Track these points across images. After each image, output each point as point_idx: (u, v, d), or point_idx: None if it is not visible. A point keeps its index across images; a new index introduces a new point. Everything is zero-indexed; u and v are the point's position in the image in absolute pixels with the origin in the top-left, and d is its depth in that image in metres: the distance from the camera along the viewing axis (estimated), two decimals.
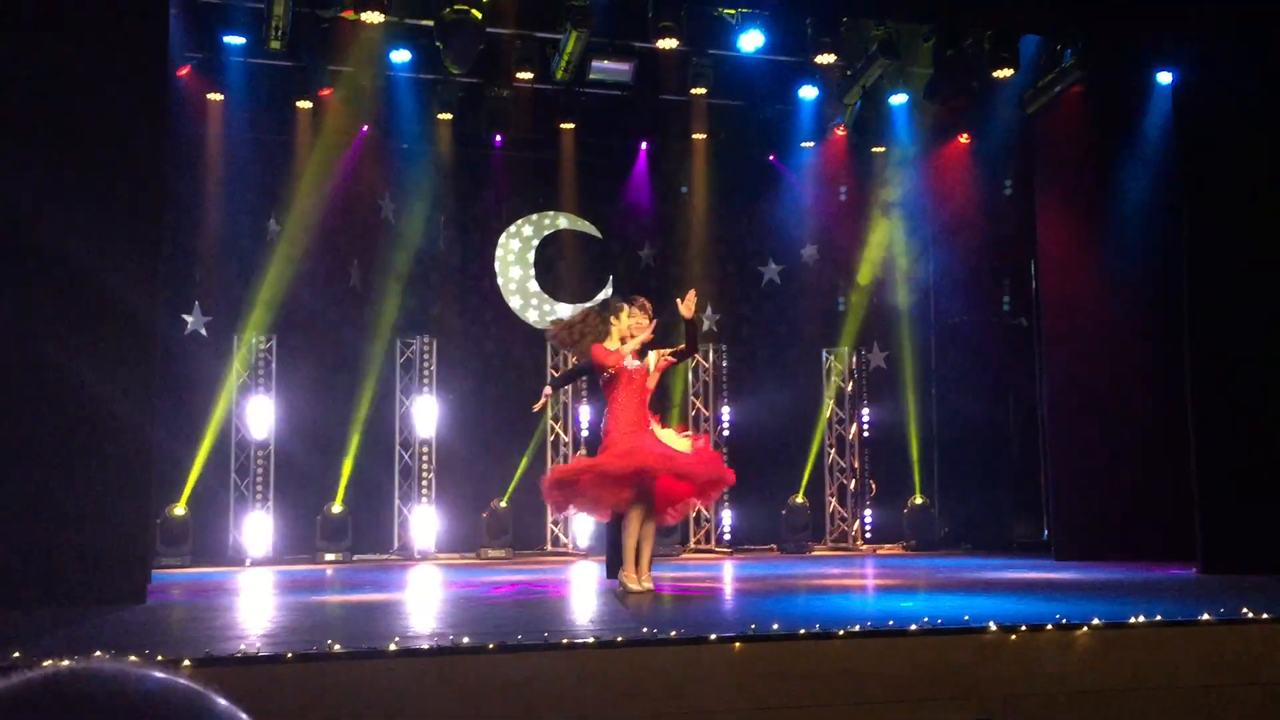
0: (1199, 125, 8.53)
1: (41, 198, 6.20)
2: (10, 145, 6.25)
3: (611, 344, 6.91)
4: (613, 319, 6.99)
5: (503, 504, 11.65)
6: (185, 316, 11.37)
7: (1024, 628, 4.30)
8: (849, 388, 13.04)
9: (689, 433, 7.35)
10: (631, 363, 6.83)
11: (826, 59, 10.57)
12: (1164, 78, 9.65)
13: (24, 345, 6.12)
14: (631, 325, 6.96)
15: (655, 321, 7.04)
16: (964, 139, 12.78)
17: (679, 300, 6.84)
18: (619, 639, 4.09)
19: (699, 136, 12.69)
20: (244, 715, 0.60)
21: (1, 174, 6.16)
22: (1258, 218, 8.17)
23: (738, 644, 4.02)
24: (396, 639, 4.23)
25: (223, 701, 0.60)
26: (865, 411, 13.12)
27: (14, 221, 6.16)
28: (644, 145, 12.81)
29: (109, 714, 0.56)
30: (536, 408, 7.77)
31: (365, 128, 11.85)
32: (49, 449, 6.14)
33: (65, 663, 0.59)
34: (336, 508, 11.19)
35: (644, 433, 6.77)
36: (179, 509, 10.57)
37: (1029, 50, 10.35)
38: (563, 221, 12.93)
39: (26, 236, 6.15)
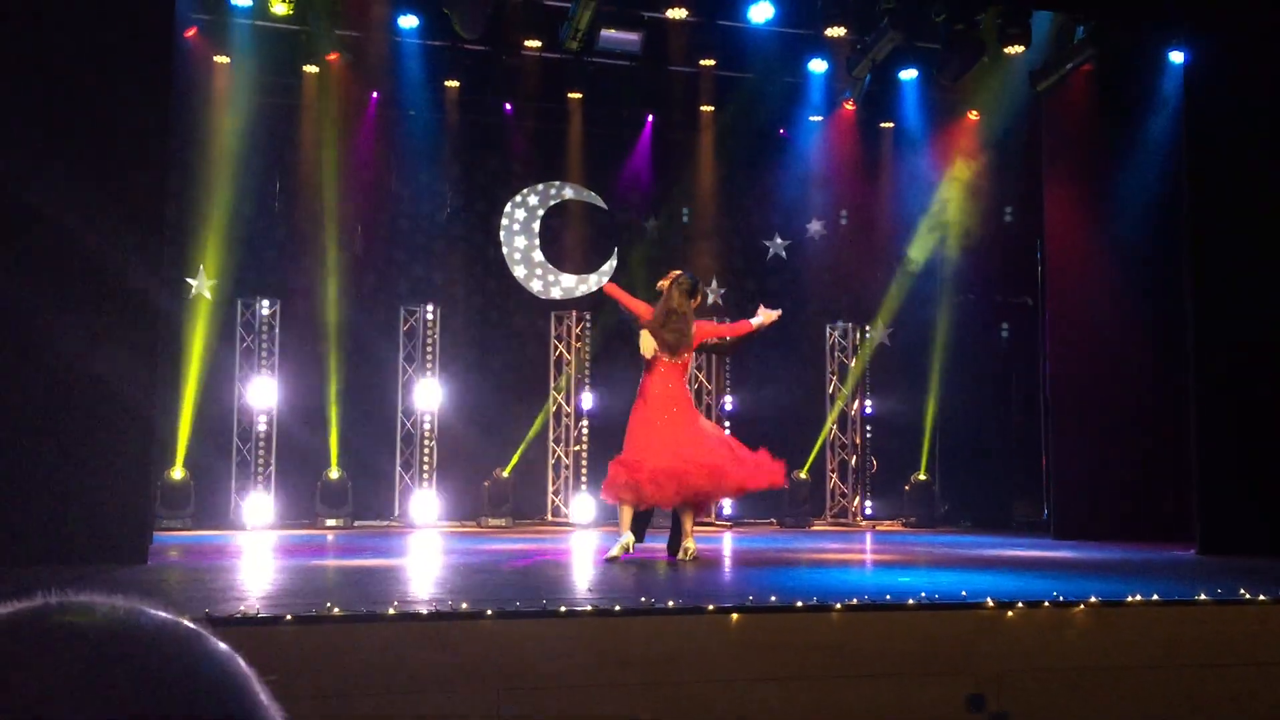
0: (1209, 105, 8.47)
1: (42, 165, 6.18)
2: (9, 109, 6.22)
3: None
4: (694, 301, 7.02)
5: (505, 473, 11.68)
6: (189, 280, 11.37)
7: (1021, 604, 4.30)
8: (852, 364, 13.03)
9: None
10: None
11: (837, 32, 10.50)
12: (1176, 57, 9.59)
13: (27, 309, 6.12)
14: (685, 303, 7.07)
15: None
16: (973, 115, 12.72)
17: (764, 309, 7.15)
18: (616, 607, 4.10)
19: (707, 109, 12.63)
20: (237, 656, 0.60)
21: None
22: (1265, 200, 8.14)
23: (735, 615, 4.03)
24: (395, 603, 4.24)
25: (221, 644, 0.60)
26: (868, 388, 13.11)
27: (13, 190, 6.14)
28: (650, 118, 12.75)
29: (99, 646, 0.56)
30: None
31: (385, 94, 11.80)
32: (52, 411, 6.16)
33: (54, 598, 0.59)
34: (334, 473, 11.22)
35: (666, 421, 6.73)
36: (176, 471, 10.59)
37: (1041, 27, 10.28)
38: (568, 192, 12.89)
39: (26, 204, 6.14)
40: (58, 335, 6.13)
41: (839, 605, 4.19)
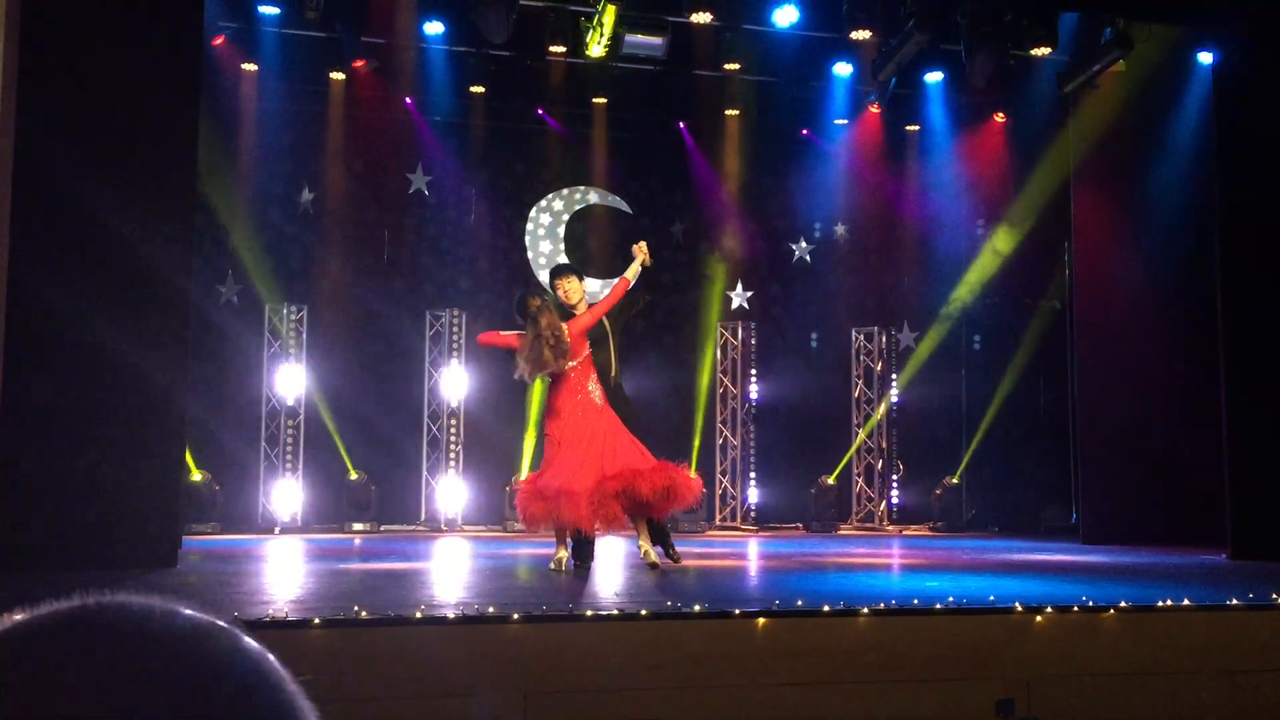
0: (1239, 107, 8.40)
1: (76, 166, 6.25)
2: (48, 116, 6.30)
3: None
4: (561, 294, 6.80)
5: (522, 479, 11.62)
6: (218, 286, 11.45)
7: (1050, 609, 4.28)
8: (878, 368, 12.98)
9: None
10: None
11: (861, 35, 10.47)
12: (1205, 58, 9.52)
13: (60, 316, 6.19)
14: (571, 291, 6.81)
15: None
16: (999, 118, 12.66)
17: (635, 248, 6.83)
18: (643, 612, 4.10)
19: (732, 113, 12.62)
20: (271, 656, 0.61)
21: (38, 143, 6.22)
22: None
23: (761, 619, 4.03)
24: (422, 607, 4.26)
25: (252, 641, 0.61)
26: (894, 392, 13.06)
27: (51, 192, 6.22)
28: (682, 124, 12.75)
29: (135, 646, 0.57)
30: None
31: (409, 100, 11.86)
32: (82, 416, 6.23)
33: (91, 598, 0.59)
34: (353, 475, 11.26)
35: (583, 429, 6.46)
36: (195, 475, 10.52)
37: (1068, 28, 10.22)
38: (593, 196, 12.91)
39: (70, 212, 6.22)
40: (91, 341, 6.19)
41: (866, 609, 4.17)
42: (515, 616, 3.91)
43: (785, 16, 10.29)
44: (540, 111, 12.30)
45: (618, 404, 6.72)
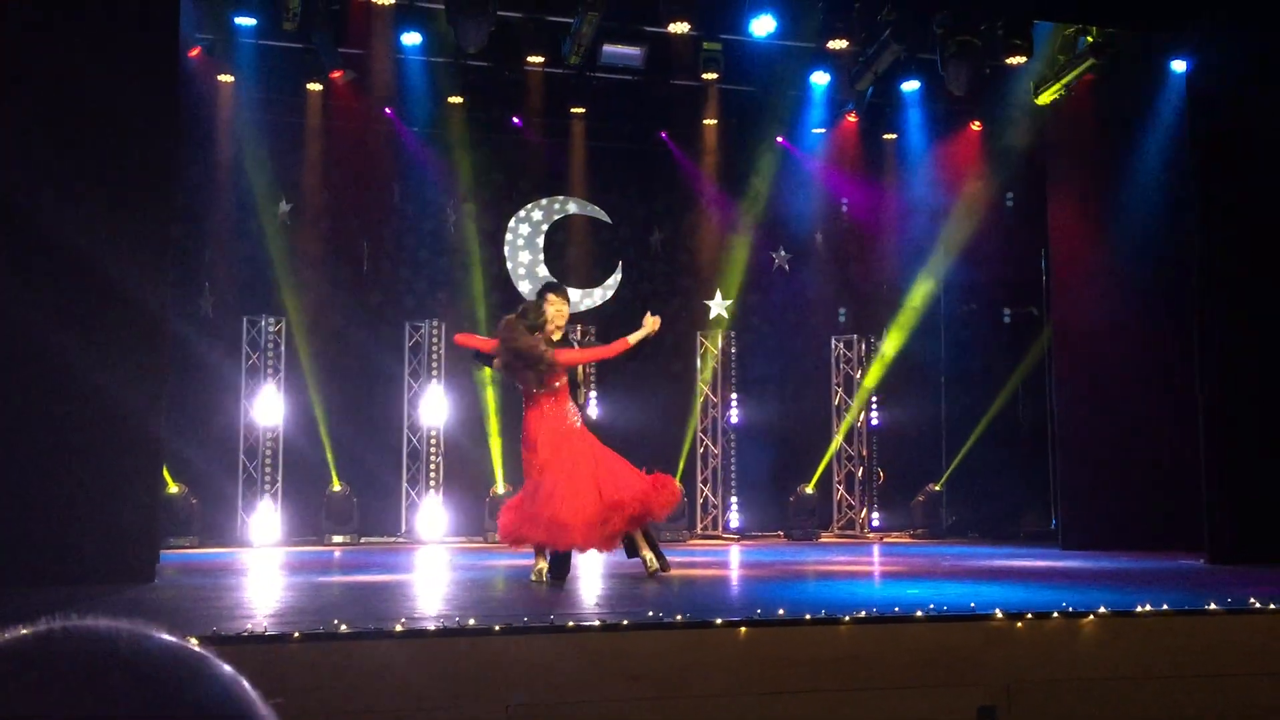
0: (1213, 114, 8.48)
1: (49, 184, 6.21)
2: (17, 130, 6.25)
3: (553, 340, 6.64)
4: (555, 311, 6.71)
5: (499, 490, 11.58)
6: (194, 298, 11.37)
7: (1030, 615, 4.29)
8: (858, 376, 13.02)
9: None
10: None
11: (839, 44, 10.52)
12: (1178, 66, 9.60)
13: (35, 327, 6.13)
14: (554, 315, 6.71)
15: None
16: (975, 126, 12.73)
17: (647, 318, 6.73)
18: (624, 622, 4.09)
19: (710, 122, 12.65)
20: (244, 680, 0.60)
21: (8, 161, 6.17)
22: (1270, 207, 8.13)
23: (743, 629, 4.02)
24: (403, 620, 4.23)
25: (226, 666, 0.60)
26: (874, 400, 13.09)
27: (22, 211, 6.16)
28: (664, 133, 12.76)
29: (102, 671, 0.56)
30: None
31: (389, 110, 11.84)
32: (59, 430, 6.17)
33: (59, 622, 0.58)
34: (336, 486, 11.20)
35: (565, 455, 6.46)
36: (171, 488, 10.39)
37: (1042, 37, 10.29)
38: (572, 206, 12.91)
39: (35, 225, 6.17)
40: (67, 355, 6.14)
41: (847, 618, 4.18)
42: (497, 628, 3.89)
43: (763, 26, 10.32)
44: (518, 122, 12.32)
45: None
